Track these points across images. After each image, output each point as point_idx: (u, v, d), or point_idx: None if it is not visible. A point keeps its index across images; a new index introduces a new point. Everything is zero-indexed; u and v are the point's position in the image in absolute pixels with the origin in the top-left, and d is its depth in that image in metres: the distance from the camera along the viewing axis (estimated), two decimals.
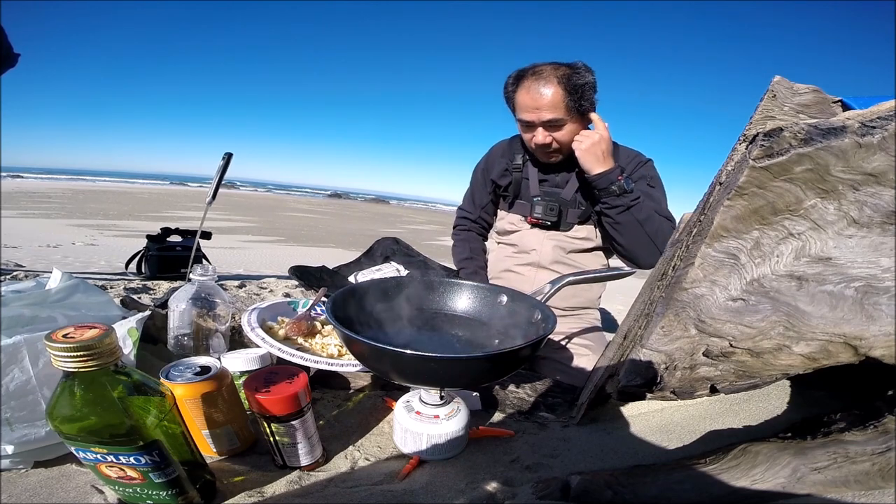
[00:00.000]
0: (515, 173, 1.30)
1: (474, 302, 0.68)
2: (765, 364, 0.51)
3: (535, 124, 1.13)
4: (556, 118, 1.10)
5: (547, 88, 1.09)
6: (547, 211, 1.22)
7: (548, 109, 1.10)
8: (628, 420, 0.65)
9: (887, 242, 0.46)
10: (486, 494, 0.49)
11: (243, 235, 7.29)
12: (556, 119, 1.11)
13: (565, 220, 1.23)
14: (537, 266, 1.25)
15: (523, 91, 1.13)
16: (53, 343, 0.35)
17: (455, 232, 1.50)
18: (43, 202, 9.98)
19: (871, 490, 0.45)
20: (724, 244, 0.49)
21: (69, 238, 5.44)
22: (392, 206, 30.82)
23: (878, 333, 0.47)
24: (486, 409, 0.69)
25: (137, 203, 11.84)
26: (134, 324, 0.62)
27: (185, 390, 0.50)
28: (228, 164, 1.07)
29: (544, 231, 1.26)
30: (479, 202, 1.43)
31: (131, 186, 22.90)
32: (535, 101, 1.11)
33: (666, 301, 0.52)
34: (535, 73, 1.12)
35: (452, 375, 0.50)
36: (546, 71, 1.11)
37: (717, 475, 0.46)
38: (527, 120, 1.14)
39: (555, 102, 1.09)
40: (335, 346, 0.72)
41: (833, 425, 0.51)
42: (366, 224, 12.07)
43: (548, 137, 1.14)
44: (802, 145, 0.45)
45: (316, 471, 0.53)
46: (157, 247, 1.50)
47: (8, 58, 1.18)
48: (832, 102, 0.54)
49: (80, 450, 0.40)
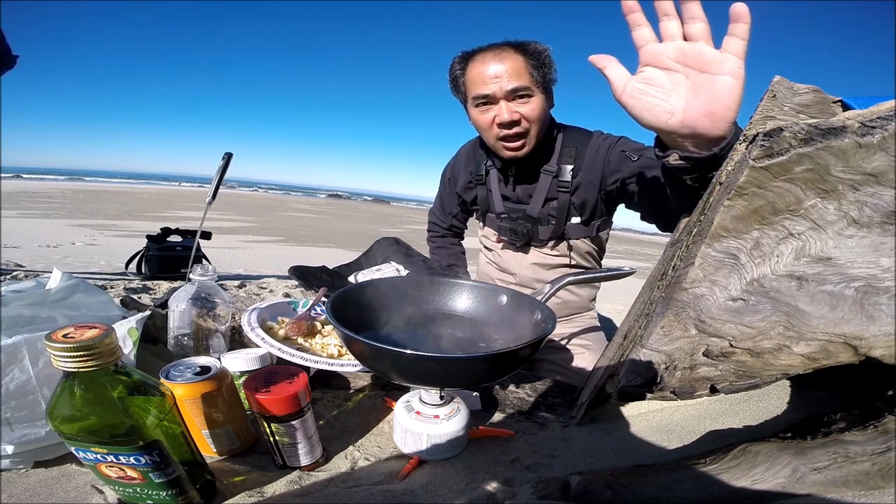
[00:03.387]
0: (479, 187, 1.18)
1: (474, 302, 0.68)
2: (765, 364, 0.51)
3: (496, 98, 0.95)
4: (522, 86, 0.93)
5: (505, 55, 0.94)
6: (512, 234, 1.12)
7: (511, 77, 0.93)
8: (628, 420, 0.65)
9: (887, 242, 0.46)
10: (486, 494, 0.49)
11: (243, 235, 7.29)
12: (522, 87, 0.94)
13: (536, 237, 1.13)
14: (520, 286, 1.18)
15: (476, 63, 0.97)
16: (53, 343, 0.35)
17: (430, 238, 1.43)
18: (43, 202, 9.98)
19: (871, 490, 0.45)
20: (724, 244, 0.49)
21: (69, 238, 5.44)
22: (392, 206, 30.83)
23: (878, 333, 0.47)
24: (486, 409, 0.69)
25: (137, 203, 11.84)
26: (134, 324, 0.62)
27: (185, 390, 0.50)
28: (228, 164, 1.07)
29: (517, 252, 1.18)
30: (448, 210, 1.35)
31: (131, 186, 22.91)
32: (495, 69, 0.94)
33: (666, 301, 0.52)
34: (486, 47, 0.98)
35: (452, 375, 0.50)
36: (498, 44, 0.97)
37: (717, 475, 0.46)
38: (485, 93, 0.96)
39: (517, 68, 0.93)
40: (335, 346, 0.72)
41: (833, 425, 0.51)
42: (366, 224, 12.07)
43: (514, 113, 0.95)
44: (802, 145, 0.45)
45: (316, 471, 0.53)
46: (157, 247, 1.50)
47: (7, 59, 1.18)
48: (832, 102, 0.54)
49: (80, 450, 0.40)
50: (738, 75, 0.50)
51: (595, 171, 1.05)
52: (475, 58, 0.98)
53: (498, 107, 0.97)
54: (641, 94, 0.54)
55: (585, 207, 1.09)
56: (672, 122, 0.54)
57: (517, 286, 1.20)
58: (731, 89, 0.51)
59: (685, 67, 0.53)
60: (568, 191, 1.06)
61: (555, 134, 1.09)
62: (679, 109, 0.54)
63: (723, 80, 0.51)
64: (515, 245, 1.16)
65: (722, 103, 0.51)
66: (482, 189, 1.19)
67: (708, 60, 0.51)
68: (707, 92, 0.52)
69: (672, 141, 0.57)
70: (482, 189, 1.19)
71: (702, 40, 0.51)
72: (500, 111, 0.96)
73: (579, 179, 1.06)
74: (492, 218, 1.21)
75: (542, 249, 1.15)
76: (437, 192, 1.39)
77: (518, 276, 1.20)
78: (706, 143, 0.54)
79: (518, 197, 1.13)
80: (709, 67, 0.51)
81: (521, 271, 1.19)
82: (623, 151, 1.00)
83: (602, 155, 1.03)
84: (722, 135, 0.54)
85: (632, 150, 1.01)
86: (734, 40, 0.49)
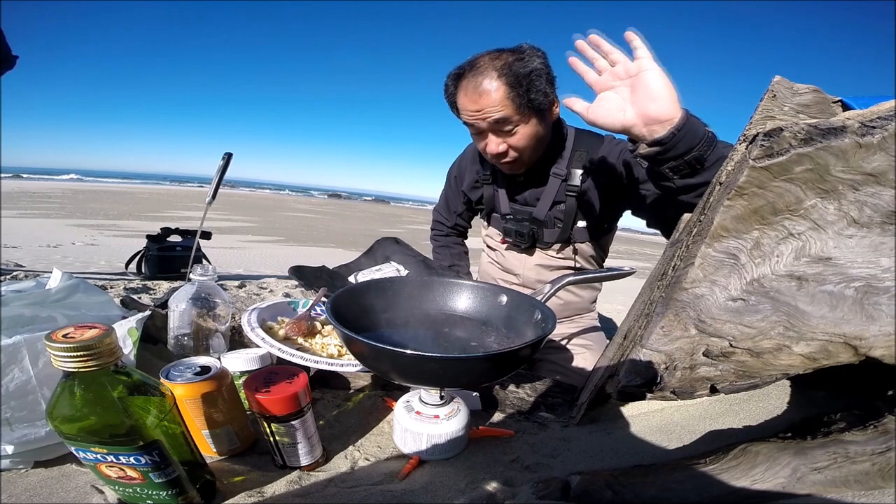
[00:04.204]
0: (486, 186, 1.18)
1: (474, 302, 0.68)
2: (765, 364, 0.51)
3: (483, 130, 0.96)
4: (504, 117, 0.91)
5: (486, 84, 0.90)
6: (517, 236, 1.11)
7: (493, 109, 0.91)
8: (628, 420, 0.65)
9: (887, 242, 0.46)
10: (486, 494, 0.49)
11: (243, 235, 7.28)
12: (505, 118, 0.91)
13: (541, 240, 1.12)
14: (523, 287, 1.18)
15: (461, 93, 0.95)
16: (53, 343, 0.35)
17: (433, 237, 1.43)
18: (43, 202, 9.98)
19: (871, 490, 0.45)
20: (724, 244, 0.49)
21: (69, 238, 5.44)
22: (392, 206, 30.82)
23: (878, 333, 0.47)
24: (486, 409, 0.69)
25: (137, 203, 11.84)
26: (134, 324, 0.62)
27: (185, 390, 0.50)
28: (228, 164, 1.07)
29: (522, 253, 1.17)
30: (453, 209, 1.34)
31: (131, 186, 22.91)
32: (475, 101, 0.92)
33: (666, 301, 0.52)
34: (473, 67, 0.93)
35: (452, 375, 0.50)
36: (483, 63, 0.92)
37: (717, 475, 0.46)
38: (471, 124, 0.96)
39: (498, 99, 0.90)
40: (335, 346, 0.72)
41: (833, 425, 0.51)
42: (366, 224, 12.07)
43: (501, 145, 0.96)
44: (802, 145, 0.45)
45: (316, 471, 0.53)
46: (157, 247, 1.50)
47: (6, 60, 1.18)
48: (832, 102, 0.54)
49: (80, 450, 0.40)
50: (653, 66, 0.69)
51: (604, 175, 1.04)
52: (461, 84, 0.95)
53: (487, 138, 0.97)
54: (599, 109, 0.73)
55: (592, 211, 1.08)
56: (628, 116, 0.71)
57: (520, 287, 1.20)
58: (654, 76, 0.68)
59: (621, 80, 0.72)
60: (576, 195, 1.06)
61: (565, 136, 1.08)
62: (629, 106, 0.71)
63: (645, 74, 0.69)
64: (520, 247, 1.15)
65: (654, 88, 0.68)
66: (489, 188, 1.18)
67: (630, 68, 0.71)
68: (640, 86, 0.69)
69: (639, 134, 0.72)
70: (489, 188, 1.18)
71: (620, 62, 0.72)
72: (489, 143, 0.97)
73: (588, 184, 1.06)
74: (496, 218, 1.20)
75: (547, 252, 1.15)
76: (443, 191, 1.38)
77: (521, 276, 1.20)
78: (663, 125, 0.69)
79: (525, 199, 1.13)
80: (634, 72, 0.70)
81: (525, 272, 1.19)
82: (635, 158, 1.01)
83: (612, 160, 1.04)
84: (671, 114, 0.68)
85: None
86: (637, 50, 0.70)
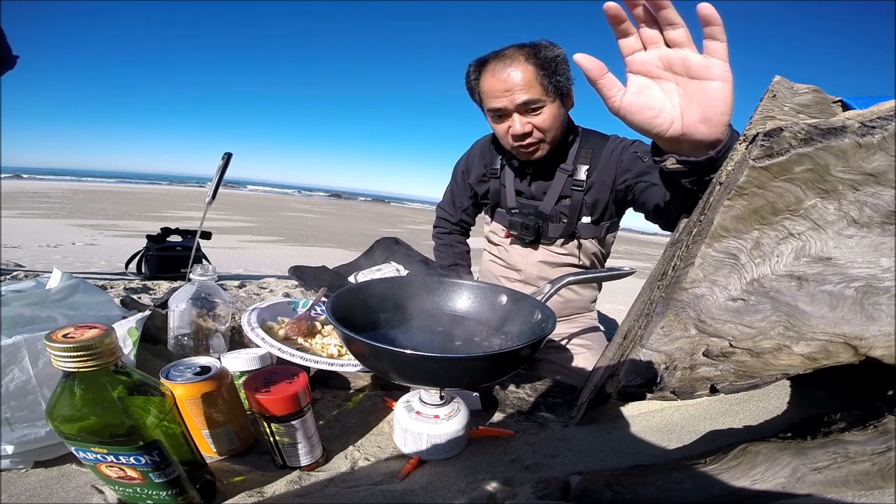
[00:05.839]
0: (493, 180, 1.21)
1: (474, 302, 0.68)
2: (765, 364, 0.51)
3: (508, 111, 0.99)
4: (533, 98, 0.95)
5: (515, 67, 0.95)
6: (523, 229, 1.14)
7: (521, 90, 0.95)
8: (628, 420, 0.65)
9: (887, 242, 0.46)
10: (486, 494, 0.49)
11: (243, 235, 7.28)
12: (533, 100, 0.96)
13: (546, 234, 1.15)
14: (524, 283, 1.20)
15: (488, 75, 0.99)
16: (53, 343, 0.35)
17: (436, 234, 1.44)
18: (43, 202, 9.98)
19: (871, 490, 0.45)
20: (724, 244, 0.49)
21: (69, 238, 5.44)
22: (392, 206, 30.81)
23: (878, 333, 0.47)
24: (486, 409, 0.69)
25: (137, 203, 11.84)
26: (134, 324, 0.62)
27: (185, 390, 0.50)
28: (228, 163, 1.07)
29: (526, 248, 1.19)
30: (459, 205, 1.36)
31: (131, 186, 22.89)
32: (505, 82, 0.96)
33: (666, 301, 0.52)
34: (498, 55, 0.99)
35: (452, 375, 0.50)
36: (509, 51, 0.98)
37: (717, 475, 0.46)
38: (498, 107, 0.99)
39: (528, 80, 0.95)
40: (335, 346, 0.72)
41: (833, 425, 0.51)
42: (366, 224, 12.07)
43: (527, 125, 0.99)
44: (802, 145, 0.45)
45: (316, 471, 0.53)
46: (157, 247, 1.50)
47: (7, 60, 1.18)
48: (832, 102, 0.54)
49: (80, 450, 0.40)
50: (727, 79, 0.50)
51: (608, 171, 1.08)
52: (487, 68, 1.00)
53: (511, 119, 1.00)
54: (640, 109, 0.54)
55: (597, 207, 1.11)
56: (672, 131, 0.54)
57: (521, 283, 1.21)
58: (723, 93, 0.51)
59: (674, 75, 0.52)
60: (582, 189, 1.09)
61: (572, 136, 1.11)
62: (677, 118, 0.54)
63: (713, 85, 0.50)
64: (524, 240, 1.17)
65: (716, 108, 0.51)
66: (495, 182, 1.20)
67: (694, 66, 0.50)
68: (699, 98, 0.51)
69: (669, 146, 0.58)
70: (495, 182, 1.20)
71: (684, 46, 0.50)
72: (514, 123, 0.99)
73: (593, 179, 1.09)
74: (501, 213, 1.22)
75: (551, 247, 1.17)
76: (447, 187, 1.40)
77: (524, 272, 1.21)
78: (703, 148, 0.55)
79: (532, 193, 1.15)
80: (697, 73, 0.51)
81: (528, 268, 1.20)
82: (636, 153, 1.03)
83: (616, 156, 1.07)
84: (718, 138, 0.54)
85: (644, 152, 1.02)
86: (714, 43, 0.49)
